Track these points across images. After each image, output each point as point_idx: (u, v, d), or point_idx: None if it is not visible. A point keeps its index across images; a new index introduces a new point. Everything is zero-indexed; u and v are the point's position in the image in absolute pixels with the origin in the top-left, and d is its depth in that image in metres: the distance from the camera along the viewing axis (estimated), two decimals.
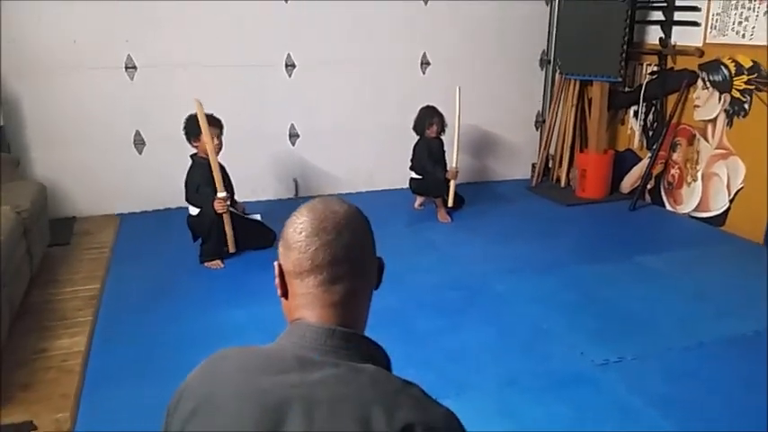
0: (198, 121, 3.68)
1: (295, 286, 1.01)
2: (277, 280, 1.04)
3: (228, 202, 3.68)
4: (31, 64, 4.38)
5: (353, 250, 1.00)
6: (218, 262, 3.84)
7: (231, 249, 3.83)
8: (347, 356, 0.94)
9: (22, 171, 4.34)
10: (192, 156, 3.84)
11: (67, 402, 2.47)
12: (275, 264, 1.05)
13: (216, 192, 3.68)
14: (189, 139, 3.80)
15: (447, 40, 5.35)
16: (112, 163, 4.75)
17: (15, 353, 2.83)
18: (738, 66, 4.28)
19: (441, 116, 4.69)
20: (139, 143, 4.79)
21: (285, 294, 1.04)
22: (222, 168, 3.99)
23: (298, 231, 1.00)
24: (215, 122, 3.78)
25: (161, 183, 4.75)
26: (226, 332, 2.97)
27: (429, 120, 4.67)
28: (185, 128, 3.79)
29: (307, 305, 1.00)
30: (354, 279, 1.01)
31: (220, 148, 3.81)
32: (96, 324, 3.13)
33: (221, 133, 3.82)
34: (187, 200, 3.83)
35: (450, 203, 4.67)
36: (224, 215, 3.71)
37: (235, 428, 0.86)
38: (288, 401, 0.86)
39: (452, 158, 4.61)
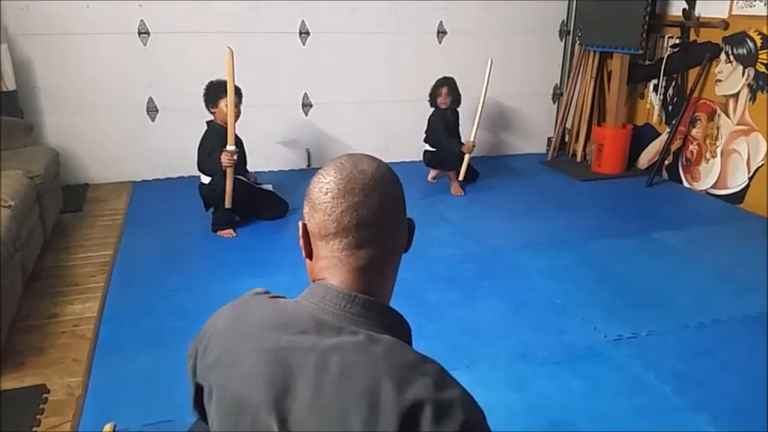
0: (219, 88, 3.65)
1: (319, 248, 0.97)
2: (301, 241, 1.00)
3: (236, 158, 3.62)
4: (45, 29, 4.34)
5: (382, 213, 0.95)
6: (231, 231, 3.83)
7: (228, 205, 3.75)
8: (366, 325, 0.91)
9: (35, 137, 4.33)
10: (208, 122, 3.80)
11: (79, 367, 2.48)
12: (299, 223, 1.01)
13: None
14: (207, 105, 3.77)
15: (464, 9, 5.24)
16: (125, 130, 4.74)
17: (28, 317, 2.85)
18: (765, 38, 4.17)
19: (452, 86, 4.61)
20: (152, 110, 4.76)
21: (309, 255, 1.01)
22: (238, 138, 3.95)
23: (324, 192, 0.95)
24: (235, 90, 3.73)
25: (174, 150, 4.73)
26: None
27: (439, 88, 4.60)
28: (206, 93, 3.75)
29: (330, 268, 0.96)
30: (381, 243, 0.96)
31: (238, 117, 3.77)
32: (108, 290, 3.13)
33: (240, 102, 3.78)
34: (199, 167, 3.81)
35: (461, 177, 4.63)
36: (228, 170, 3.64)
37: (247, 383, 0.86)
38: (300, 363, 0.84)
39: (471, 132, 4.54)
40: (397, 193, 0.99)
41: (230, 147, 3.61)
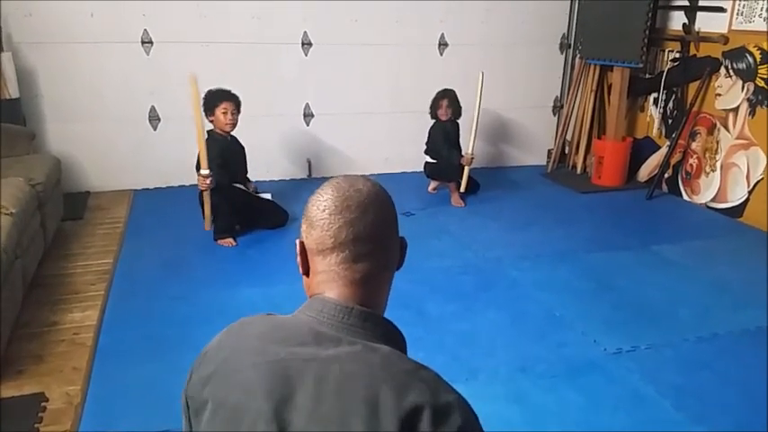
0: (215, 96, 3.70)
1: (316, 264, 1.00)
2: (298, 258, 1.03)
3: (209, 181, 3.60)
4: (48, 37, 4.37)
5: (377, 229, 0.99)
6: (231, 240, 3.83)
7: (207, 227, 3.80)
8: (363, 336, 0.93)
9: (37, 144, 4.34)
10: (208, 131, 3.82)
11: (78, 376, 2.48)
12: (297, 241, 1.03)
13: (229, 167, 3.67)
14: (206, 114, 3.79)
15: (466, 22, 5.27)
16: (127, 138, 4.75)
17: (28, 325, 2.85)
18: (764, 53, 4.19)
19: (452, 98, 4.63)
20: (154, 119, 4.78)
21: (306, 272, 1.03)
22: (241, 147, 3.98)
23: (321, 209, 0.98)
24: (230, 97, 3.77)
25: (175, 159, 4.74)
26: (236, 310, 2.91)
27: (439, 100, 4.62)
28: (203, 102, 3.77)
29: (328, 282, 0.99)
30: (377, 258, 1.00)
31: (235, 125, 3.82)
32: (108, 299, 3.13)
33: (237, 110, 3.81)
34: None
35: (462, 188, 4.64)
36: (204, 193, 3.67)
37: (247, 395, 0.87)
38: (300, 374, 0.86)
39: (469, 144, 4.56)
40: (390, 211, 1.04)
41: (204, 171, 3.59)
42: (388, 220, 1.02)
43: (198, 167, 3.77)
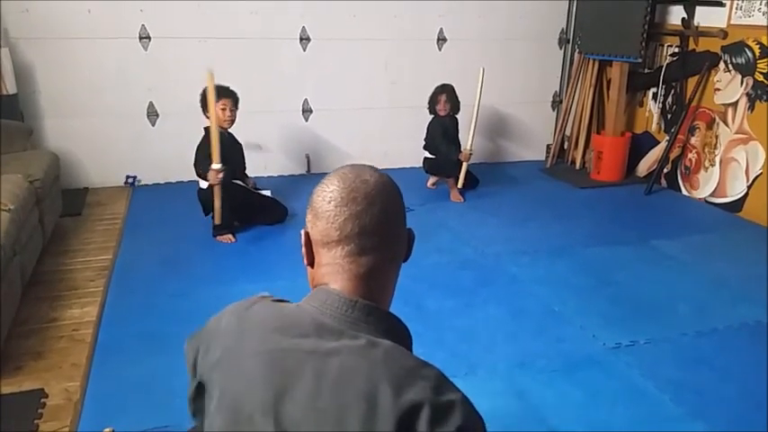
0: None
1: (321, 256, 0.99)
2: (303, 249, 1.02)
3: (221, 175, 3.60)
4: (46, 33, 4.35)
5: (383, 222, 0.97)
6: (230, 236, 3.83)
7: (217, 221, 3.78)
8: (366, 330, 0.92)
9: (35, 140, 4.33)
10: (205, 128, 3.81)
11: (78, 372, 2.48)
12: (302, 232, 1.02)
13: (228, 163, 3.65)
14: (203, 110, 3.78)
15: (464, 17, 5.26)
16: (125, 134, 4.74)
17: (27, 321, 2.85)
18: (763, 48, 4.19)
19: (451, 93, 4.62)
20: (153, 114, 4.77)
21: (311, 263, 1.02)
22: (238, 143, 3.97)
23: (327, 200, 0.97)
24: (229, 94, 3.76)
25: (174, 155, 4.73)
26: None
27: (438, 95, 4.61)
28: (201, 99, 3.76)
29: (332, 274, 0.98)
30: (382, 252, 0.98)
31: (233, 121, 3.81)
32: (107, 295, 3.13)
33: (235, 106, 3.80)
34: (196, 171, 3.82)
35: (460, 184, 4.64)
36: (215, 187, 3.65)
37: (247, 384, 0.87)
38: (299, 366, 0.85)
39: (468, 140, 4.55)
40: (397, 203, 1.02)
41: (216, 165, 3.59)
42: (395, 211, 1.00)
43: (196, 166, 3.76)
